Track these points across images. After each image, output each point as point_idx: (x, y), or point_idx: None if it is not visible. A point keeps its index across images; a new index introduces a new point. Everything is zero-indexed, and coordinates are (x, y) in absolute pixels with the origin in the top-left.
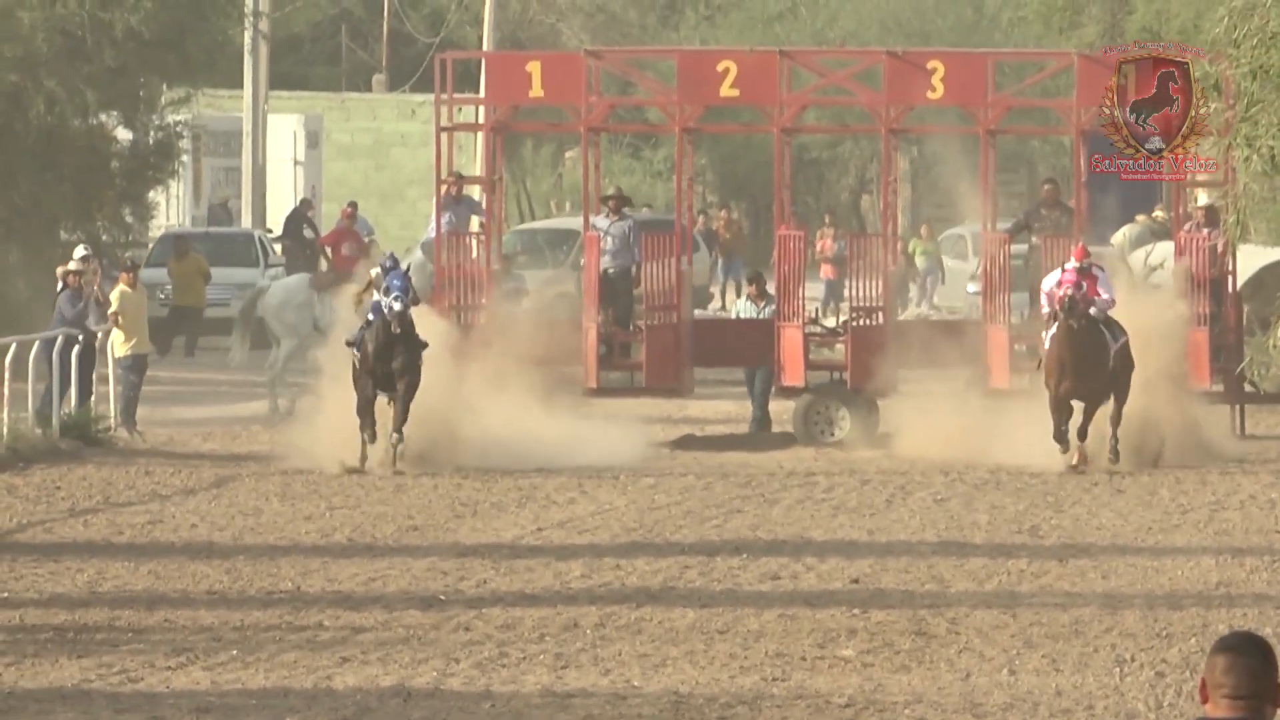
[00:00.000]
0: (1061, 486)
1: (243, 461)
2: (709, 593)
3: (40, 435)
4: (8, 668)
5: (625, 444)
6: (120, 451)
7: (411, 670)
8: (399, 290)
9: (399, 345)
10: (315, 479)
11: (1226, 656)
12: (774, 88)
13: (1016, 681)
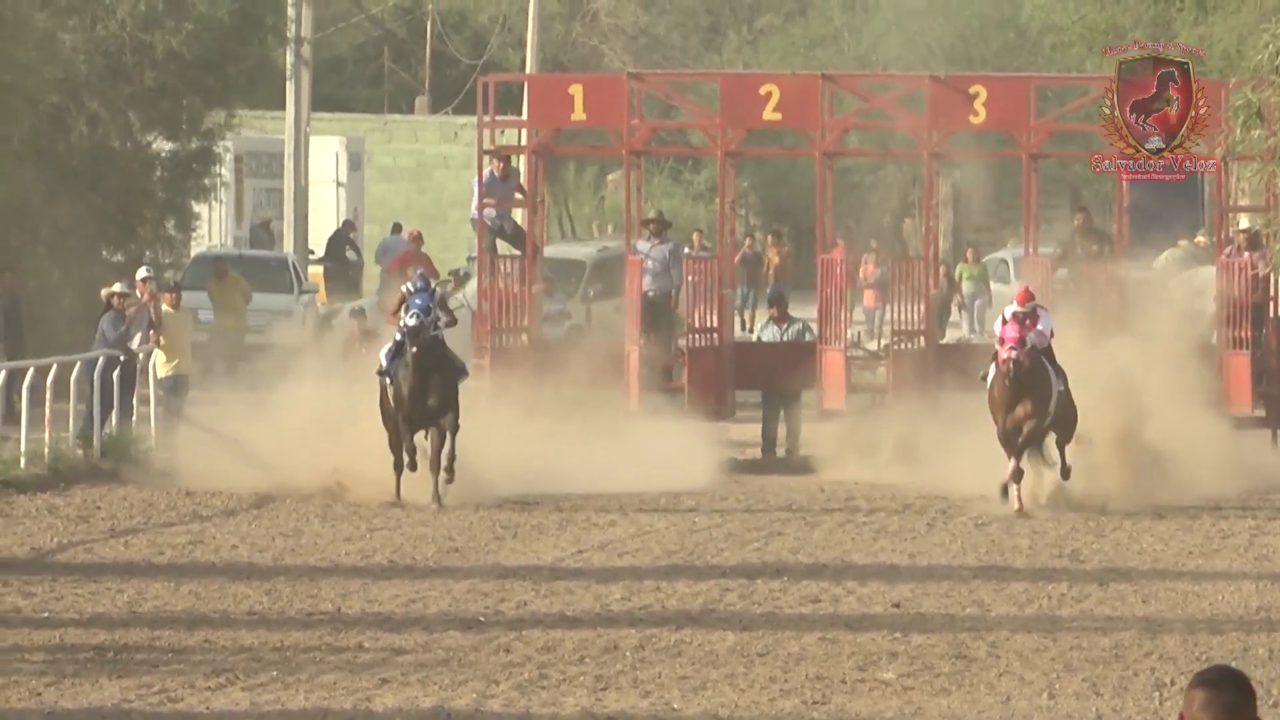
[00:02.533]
0: (1103, 511)
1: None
2: (749, 615)
3: (81, 456)
4: (48, 688)
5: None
6: (161, 472)
7: (451, 692)
8: (417, 308)
9: (432, 377)
10: (355, 501)
11: (1204, 691)
12: (816, 111)
13: (1056, 705)
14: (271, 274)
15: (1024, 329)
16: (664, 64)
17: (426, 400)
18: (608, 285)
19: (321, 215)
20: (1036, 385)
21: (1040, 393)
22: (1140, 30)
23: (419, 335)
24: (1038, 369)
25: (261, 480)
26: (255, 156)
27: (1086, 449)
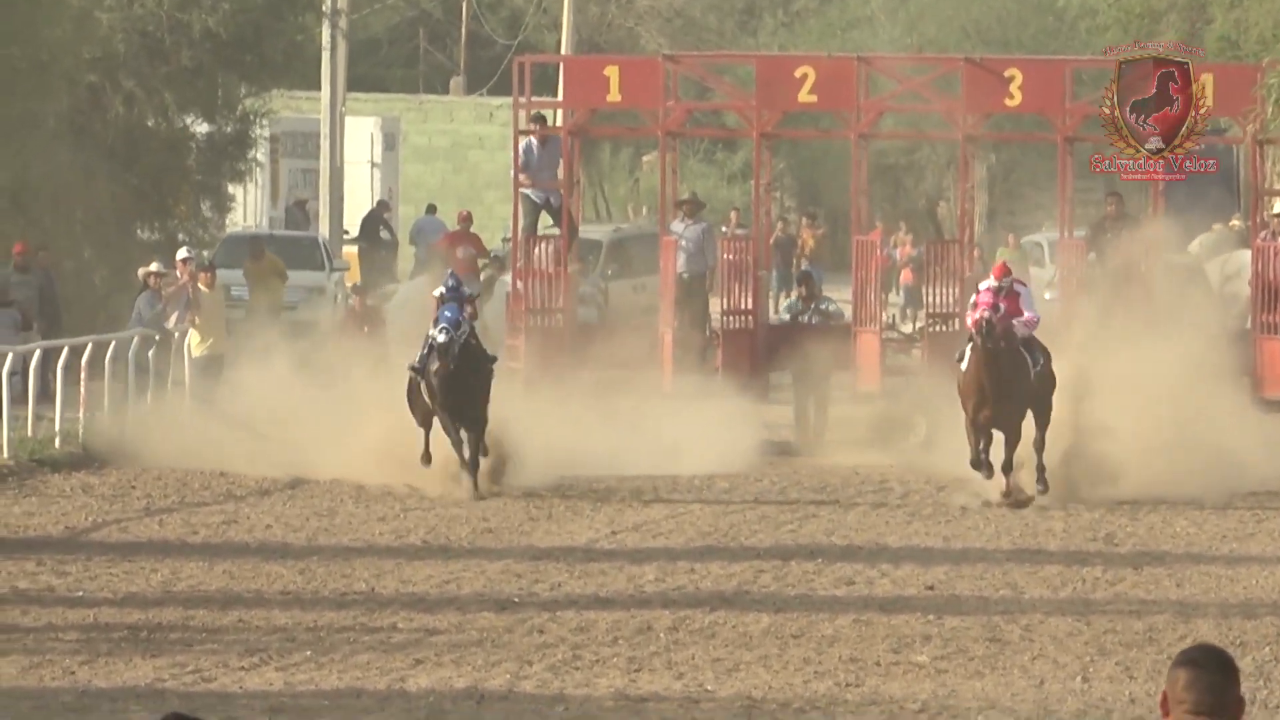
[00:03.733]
0: (1136, 496)
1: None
2: (783, 597)
3: (116, 435)
4: (81, 666)
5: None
6: (193, 452)
7: (485, 672)
8: (447, 322)
9: (461, 380)
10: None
11: (1188, 671)
12: (852, 93)
13: (1090, 689)
14: (303, 253)
15: (1002, 303)
16: (699, 46)
17: (459, 403)
18: (623, 265)
19: (356, 196)
20: (1011, 367)
21: (1015, 375)
22: (1176, 14)
23: (449, 352)
24: (1012, 352)
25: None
26: (291, 137)
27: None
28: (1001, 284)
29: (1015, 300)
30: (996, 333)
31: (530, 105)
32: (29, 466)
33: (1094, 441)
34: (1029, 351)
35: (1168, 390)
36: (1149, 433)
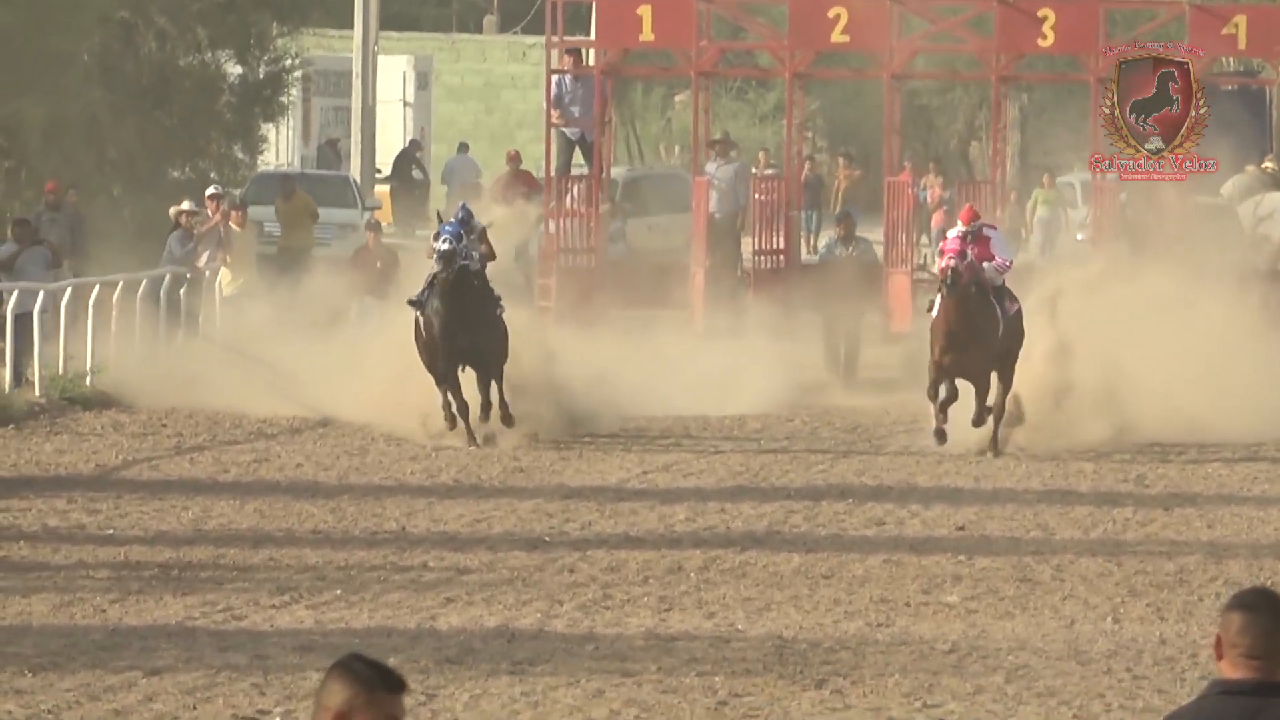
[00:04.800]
0: (1166, 438)
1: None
2: (814, 538)
3: (147, 373)
4: (112, 604)
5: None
6: (225, 390)
7: (515, 611)
8: (449, 233)
9: (467, 308)
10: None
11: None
12: (884, 34)
13: (1120, 629)
14: (334, 191)
15: (970, 248)
16: None
17: (461, 333)
18: (638, 204)
19: (389, 134)
20: (979, 316)
21: (983, 325)
22: None
23: (451, 261)
24: (980, 300)
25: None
26: (323, 75)
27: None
28: (970, 229)
29: (985, 245)
30: (962, 281)
31: (563, 44)
32: (60, 404)
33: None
34: (998, 301)
35: (1200, 331)
36: (1182, 374)
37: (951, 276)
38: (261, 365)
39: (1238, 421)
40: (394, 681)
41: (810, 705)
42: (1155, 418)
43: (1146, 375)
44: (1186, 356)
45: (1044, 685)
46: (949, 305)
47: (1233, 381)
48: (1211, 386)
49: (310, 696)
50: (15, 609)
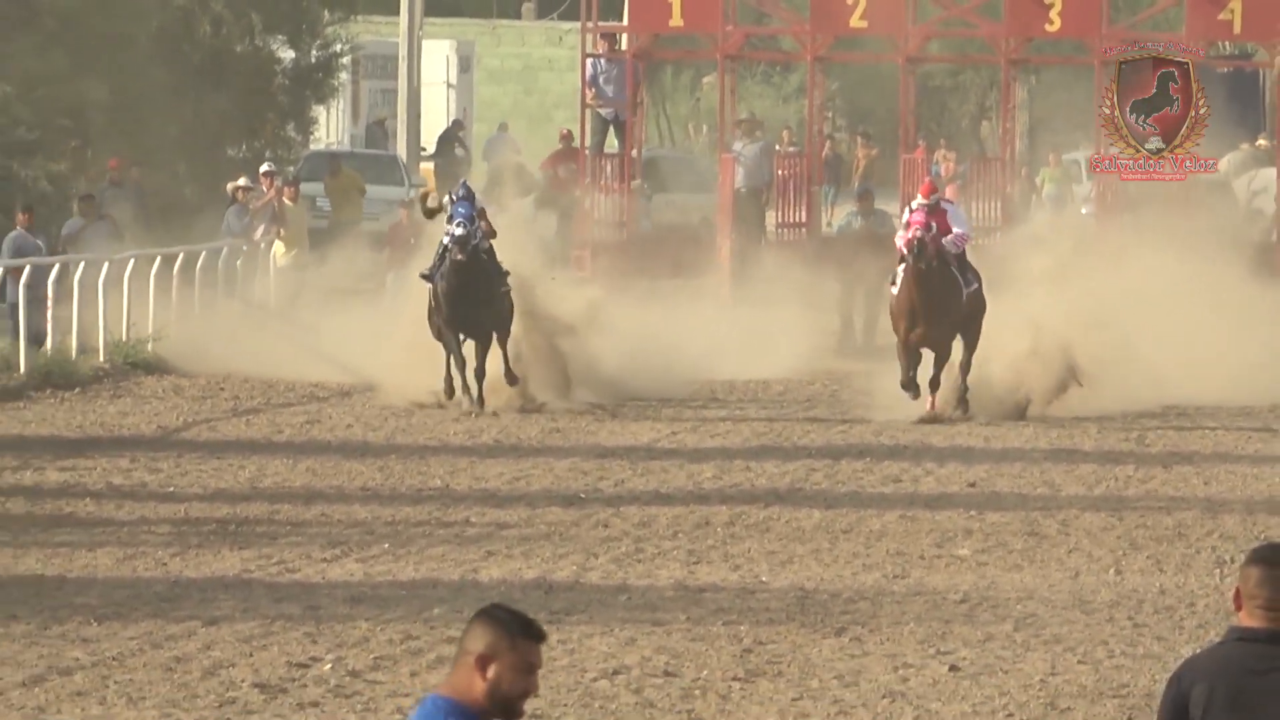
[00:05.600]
0: (1168, 399)
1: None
2: (834, 494)
3: (205, 339)
4: (174, 558)
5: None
6: (277, 356)
7: (553, 564)
8: (463, 216)
9: (476, 284)
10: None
11: (1260, 569)
12: (900, 19)
13: (1122, 580)
14: (383, 169)
15: (932, 220)
16: None
17: (468, 307)
18: (655, 183)
19: (433, 115)
20: (943, 286)
21: (947, 294)
22: None
23: (466, 244)
24: (943, 270)
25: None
26: (371, 59)
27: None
28: (929, 202)
29: (943, 217)
30: (929, 252)
31: (597, 30)
32: (123, 369)
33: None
34: (961, 273)
35: (1197, 299)
36: (1180, 339)
37: (918, 247)
38: (308, 333)
39: (1232, 385)
40: (535, 630)
41: (830, 652)
42: (1155, 382)
43: (1147, 343)
44: (1184, 325)
45: (1050, 633)
46: (913, 278)
47: (1227, 347)
48: (1207, 352)
49: (359, 644)
50: (81, 562)
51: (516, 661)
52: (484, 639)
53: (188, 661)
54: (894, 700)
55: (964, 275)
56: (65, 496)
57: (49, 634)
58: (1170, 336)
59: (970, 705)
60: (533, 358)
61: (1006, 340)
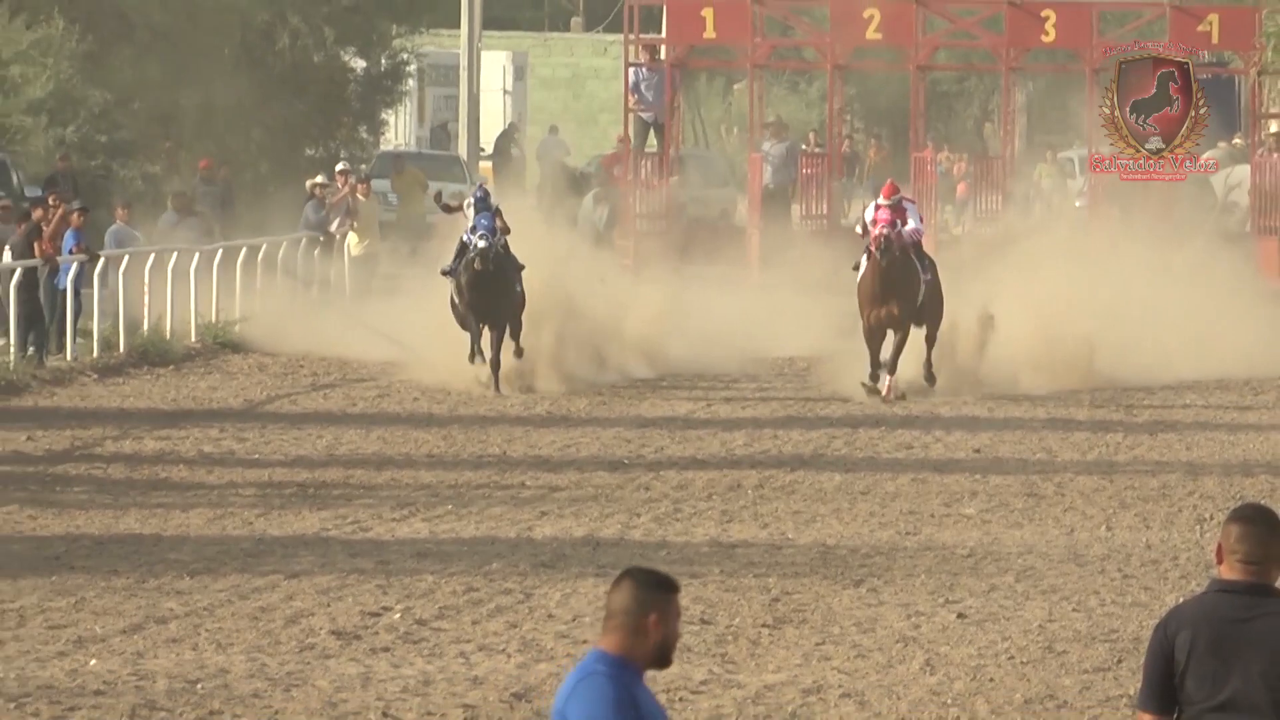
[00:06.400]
0: (1151, 373)
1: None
2: (852, 460)
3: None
4: (258, 518)
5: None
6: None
7: (600, 523)
8: (485, 229)
9: (493, 284)
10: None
11: (1240, 525)
12: (911, 32)
13: (1113, 536)
14: (445, 167)
15: (894, 217)
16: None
17: (487, 301)
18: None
19: (491, 118)
20: (904, 276)
21: (908, 284)
22: None
23: (488, 256)
24: (905, 262)
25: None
26: (435, 68)
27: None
28: (891, 201)
29: (903, 214)
30: (895, 248)
31: (638, 41)
32: (213, 348)
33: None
34: (919, 261)
35: (1179, 283)
36: (1163, 320)
37: (885, 243)
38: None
39: (1210, 361)
40: (670, 583)
41: (850, 601)
42: (1139, 359)
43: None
44: (1166, 307)
45: (1048, 583)
46: (877, 267)
47: (1205, 327)
48: (1188, 331)
49: (426, 595)
50: (175, 522)
51: (672, 613)
52: (642, 598)
53: (271, 611)
54: (907, 644)
55: (921, 264)
56: (161, 463)
57: (146, 587)
58: (1154, 317)
59: (976, 649)
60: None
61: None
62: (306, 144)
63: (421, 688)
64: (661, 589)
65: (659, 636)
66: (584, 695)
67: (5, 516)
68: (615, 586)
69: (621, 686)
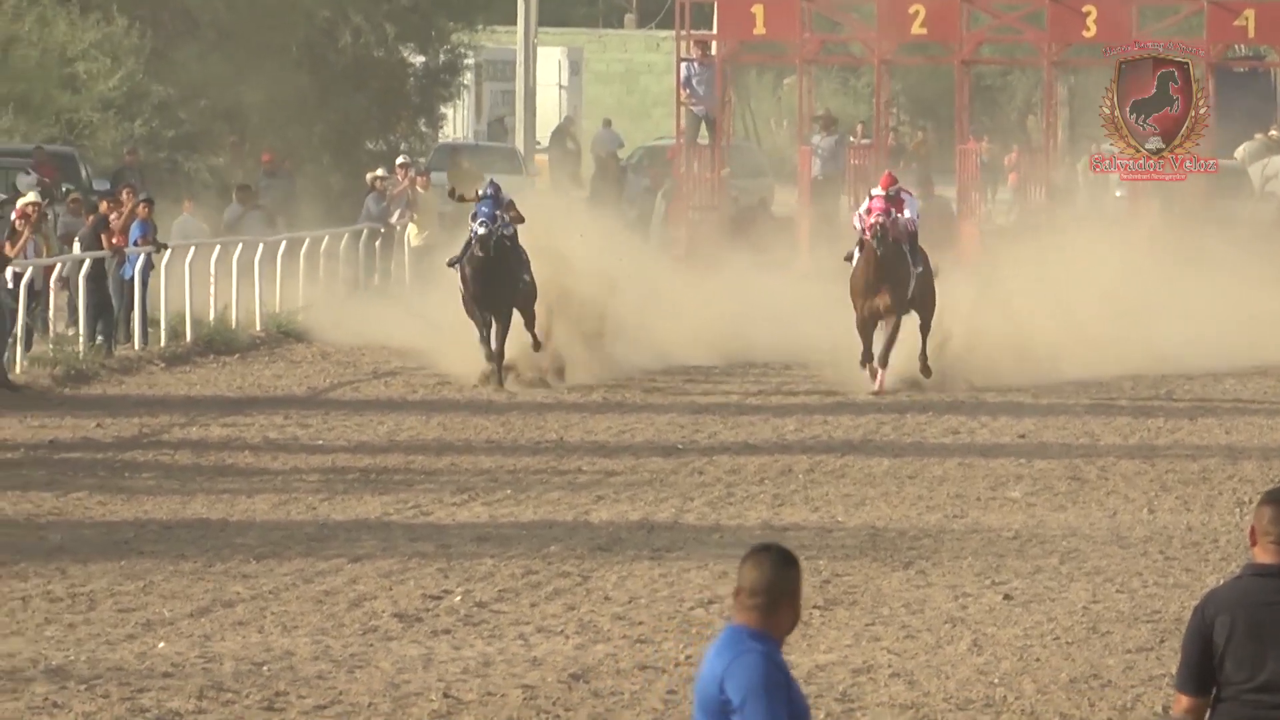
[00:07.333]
0: (1191, 357)
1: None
2: (900, 445)
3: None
4: (322, 503)
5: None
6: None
7: (654, 507)
8: (485, 216)
9: (495, 272)
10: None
11: (1273, 508)
12: (956, 27)
13: (1155, 519)
14: (502, 160)
15: (889, 207)
16: None
17: (491, 290)
18: None
19: (546, 112)
20: (896, 267)
21: (899, 274)
22: None
23: (487, 243)
24: (897, 253)
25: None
26: (492, 63)
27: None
28: (889, 192)
29: (900, 205)
30: (889, 238)
31: (690, 37)
32: (277, 337)
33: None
34: (912, 255)
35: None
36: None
37: (880, 232)
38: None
39: (1246, 346)
40: (792, 559)
41: (898, 583)
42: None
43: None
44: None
45: (1091, 565)
46: (870, 257)
47: (1243, 312)
48: (1224, 320)
49: (486, 578)
50: (241, 507)
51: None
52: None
53: (335, 594)
54: (954, 625)
55: (913, 257)
56: (227, 449)
57: (213, 571)
58: (1192, 304)
59: (1022, 629)
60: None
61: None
62: (367, 137)
63: (481, 669)
64: (796, 566)
65: (794, 612)
66: (744, 673)
67: (75, 502)
68: (753, 565)
69: (777, 664)
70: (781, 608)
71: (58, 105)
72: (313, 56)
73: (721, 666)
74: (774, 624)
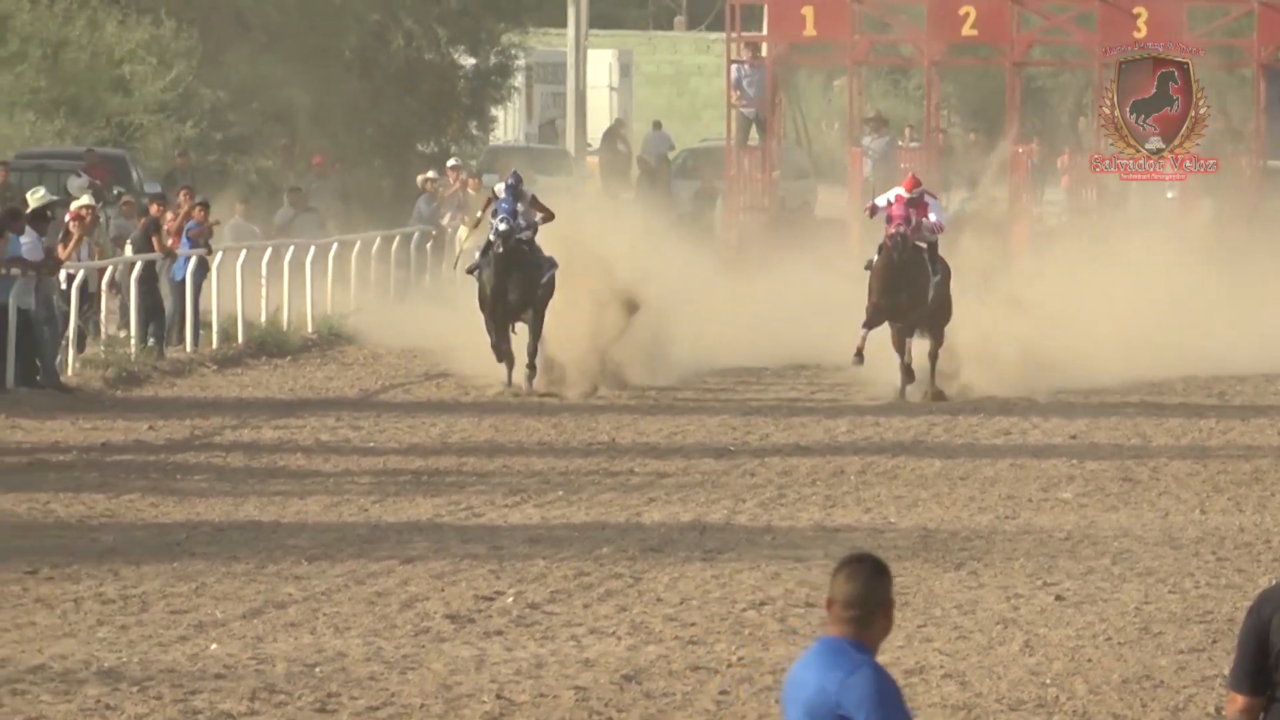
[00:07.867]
0: (1243, 358)
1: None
2: (952, 446)
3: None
4: (374, 505)
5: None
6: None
7: (706, 508)
8: (505, 212)
9: (516, 273)
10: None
11: None
12: (1006, 29)
13: (1207, 519)
14: (553, 161)
15: (912, 213)
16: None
17: (508, 295)
18: None
19: (597, 115)
20: (914, 274)
21: (917, 282)
22: None
23: (508, 238)
24: (917, 260)
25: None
26: (543, 66)
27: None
28: (912, 195)
29: (924, 209)
30: (908, 246)
31: (741, 39)
32: (328, 339)
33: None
34: (931, 264)
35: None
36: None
37: (900, 241)
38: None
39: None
40: (884, 569)
41: (950, 584)
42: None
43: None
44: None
45: (1143, 566)
46: (888, 262)
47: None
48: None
49: (538, 579)
50: (293, 509)
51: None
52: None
53: (387, 596)
54: (1006, 626)
55: (933, 266)
56: (279, 451)
57: (265, 572)
58: (1244, 304)
59: (1074, 630)
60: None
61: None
62: (418, 140)
63: (534, 670)
64: (888, 575)
65: (888, 621)
66: (863, 687)
67: (128, 504)
68: (847, 577)
69: (888, 676)
70: (876, 619)
71: (108, 108)
72: (364, 59)
73: (836, 683)
74: (869, 635)
